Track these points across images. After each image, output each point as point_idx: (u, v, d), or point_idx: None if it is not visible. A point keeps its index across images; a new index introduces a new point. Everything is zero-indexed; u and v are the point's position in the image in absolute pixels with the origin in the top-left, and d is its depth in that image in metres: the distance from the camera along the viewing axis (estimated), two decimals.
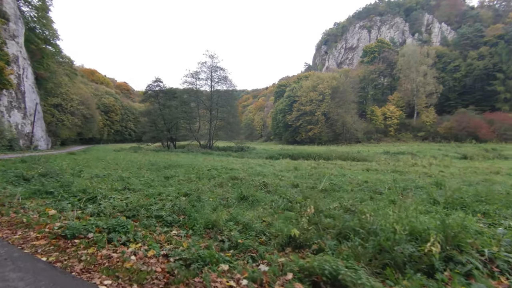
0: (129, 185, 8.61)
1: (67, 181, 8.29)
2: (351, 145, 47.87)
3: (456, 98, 55.44)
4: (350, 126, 51.16)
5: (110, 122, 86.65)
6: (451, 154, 24.35)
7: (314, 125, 53.10)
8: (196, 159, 20.21)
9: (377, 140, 52.30)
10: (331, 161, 16.57)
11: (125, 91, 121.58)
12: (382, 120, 53.08)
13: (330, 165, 13.96)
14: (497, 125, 41.76)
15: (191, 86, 39.31)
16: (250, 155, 26.87)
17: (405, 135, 52.08)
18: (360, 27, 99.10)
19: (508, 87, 47.97)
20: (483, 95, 52.21)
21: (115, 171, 11.92)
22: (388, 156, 20.42)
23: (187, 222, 4.71)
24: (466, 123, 43.80)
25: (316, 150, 26.55)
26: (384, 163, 15.17)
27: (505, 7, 76.31)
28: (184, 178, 10.08)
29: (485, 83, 51.68)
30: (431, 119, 49.99)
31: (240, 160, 19.57)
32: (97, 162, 17.46)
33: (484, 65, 51.47)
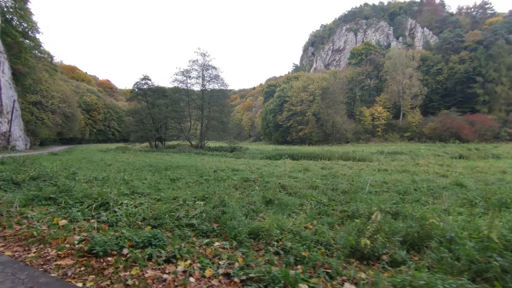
0: (135, 188, 7.92)
1: (65, 185, 7.45)
2: (342, 145, 48.50)
3: (439, 100, 57.72)
4: (340, 126, 51.86)
5: (92, 121, 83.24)
6: (441, 154, 25.09)
7: (305, 125, 53.35)
8: (192, 160, 19.43)
9: (366, 140, 53.38)
10: (333, 161, 16.43)
11: (108, 89, 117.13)
12: (370, 121, 54.25)
13: (336, 165, 13.77)
14: (477, 126, 43.80)
15: (181, 84, 38.15)
16: (245, 155, 26.35)
17: (392, 136, 53.53)
18: (346, 30, 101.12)
19: (486, 90, 50.50)
20: (464, 98, 54.69)
21: (113, 173, 11.05)
22: (384, 156, 20.66)
23: (226, 232, 4.19)
24: (449, 124, 45.60)
25: (312, 150, 26.47)
26: (386, 163, 15.22)
27: (482, 14, 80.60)
28: (192, 180, 9.45)
29: (465, 86, 54.15)
30: (417, 120, 51.70)
31: (239, 160, 19.03)
32: (88, 164, 16.37)
33: (464, 69, 53.93)
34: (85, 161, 18.50)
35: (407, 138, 51.15)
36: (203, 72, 37.00)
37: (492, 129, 43.73)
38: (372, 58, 67.19)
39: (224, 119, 37.52)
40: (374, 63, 65.85)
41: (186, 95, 38.31)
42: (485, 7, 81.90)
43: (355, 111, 58.33)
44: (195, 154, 27.38)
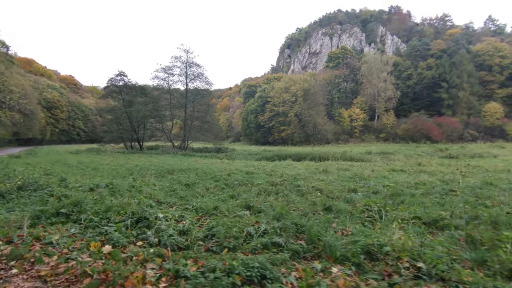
0: (151, 196, 6.76)
1: (67, 195, 6.10)
2: (323, 145, 49.52)
3: (409, 103, 61.74)
4: (321, 127, 52.97)
5: (54, 120, 76.11)
6: (421, 153, 26.48)
7: (287, 126, 53.65)
8: (186, 162, 18.01)
9: (345, 141, 55.20)
10: (336, 161, 16.28)
11: (71, 86, 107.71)
12: (349, 122, 56.23)
13: (349, 166, 13.56)
14: (445, 128, 47.50)
15: (163, 82, 35.93)
16: (237, 156, 25.38)
17: (369, 136, 56.02)
18: (322, 34, 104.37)
19: (451, 94, 55.08)
20: (431, 101, 59.15)
21: (108, 178, 9.59)
22: (379, 156, 21.11)
23: (323, 250, 3.43)
24: (420, 125, 48.87)
25: (308, 151, 26.32)
26: (383, 163, 15.44)
27: (442, 25, 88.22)
28: (211, 186, 8.45)
29: (432, 91, 58.60)
30: (391, 121, 54.69)
31: (235, 162, 18.09)
32: (66, 168, 14.39)
33: (431, 75, 58.35)
34: (60, 164, 16.27)
35: (382, 139, 53.85)
36: (187, 70, 35.25)
37: (457, 130, 47.76)
38: (348, 62, 69.86)
39: (209, 119, 36.06)
40: (350, 67, 68.54)
41: (168, 93, 36.14)
42: (445, 19, 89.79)
43: (334, 112, 60.09)
44: (182, 155, 25.79)
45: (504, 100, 53.46)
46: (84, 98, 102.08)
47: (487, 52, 56.18)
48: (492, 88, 55.40)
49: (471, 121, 50.54)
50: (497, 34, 69.15)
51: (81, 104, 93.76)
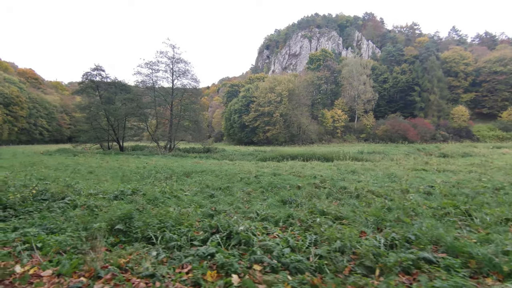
0: (198, 204, 5.88)
1: (97, 206, 5.05)
2: (308, 145, 50.17)
3: (385, 105, 65.11)
4: (305, 127, 53.64)
5: (12, 118, 68.93)
6: (409, 153, 27.71)
7: (272, 126, 53.56)
8: (184, 163, 16.76)
9: (328, 141, 56.50)
10: (344, 161, 16.19)
11: (32, 80, 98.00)
12: (331, 123, 57.67)
13: (363, 165, 13.46)
14: (419, 129, 50.64)
15: (146, 78, 33.67)
16: (232, 156, 24.45)
17: (350, 137, 57.96)
18: (301, 36, 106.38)
19: (423, 98, 59.02)
20: (405, 104, 62.90)
21: (125, 183, 8.38)
22: (370, 155, 21.58)
23: (487, 266, 2.96)
24: (398, 126, 51.59)
25: (299, 150, 26.13)
26: (393, 162, 15.71)
27: (411, 33, 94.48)
28: (251, 190, 7.66)
29: (406, 94, 62.37)
30: (371, 122, 57.10)
31: (237, 163, 17.25)
32: (51, 171, 12.56)
33: (406, 79, 62.07)
34: (41, 167, 14.22)
35: (363, 139, 56.00)
36: (173, 66, 33.39)
37: (429, 131, 51.17)
38: (329, 64, 71.80)
39: (197, 118, 34.50)
40: (331, 69, 70.51)
41: (152, 90, 33.97)
42: (414, 27, 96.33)
43: (317, 113, 61.32)
44: (173, 156, 24.22)
45: (468, 104, 58.53)
46: (47, 94, 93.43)
47: (454, 60, 61.13)
48: (458, 93, 60.40)
49: (441, 122, 54.50)
50: (461, 43, 75.62)
51: (44, 100, 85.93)
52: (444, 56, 63.37)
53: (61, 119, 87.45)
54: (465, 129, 52.19)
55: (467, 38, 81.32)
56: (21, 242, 3.27)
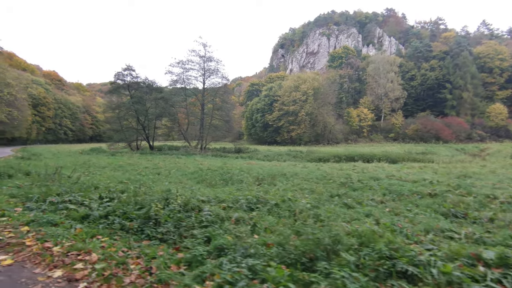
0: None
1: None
2: (334, 145, 48.74)
3: (412, 103, 62.46)
4: (331, 127, 52.18)
5: (40, 118, 70.81)
6: (456, 153, 26.02)
7: (297, 125, 52.39)
8: (235, 164, 15.99)
9: (354, 141, 54.79)
10: (408, 162, 15.00)
11: (56, 82, 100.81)
12: (357, 122, 55.90)
13: (440, 167, 12.29)
14: (454, 128, 48.15)
15: (177, 77, 33.32)
16: (269, 157, 23.58)
17: (377, 136, 55.98)
18: (319, 34, 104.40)
19: (454, 95, 56.21)
20: (434, 102, 60.10)
21: (219, 189, 7.62)
22: (424, 156, 20.18)
23: None
24: (430, 126, 49.30)
25: (341, 151, 25.00)
26: (472, 163, 14.36)
27: (436, 28, 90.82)
28: (382, 200, 6.69)
29: (435, 92, 59.58)
30: (400, 122, 54.91)
31: (299, 165, 16.32)
32: (115, 172, 12.08)
33: (435, 76, 59.32)
34: (95, 168, 13.76)
35: (392, 139, 53.94)
36: (204, 65, 32.91)
37: (465, 130, 48.60)
38: (351, 62, 69.84)
39: (228, 117, 33.88)
40: (354, 67, 68.52)
41: (183, 90, 33.60)
42: (438, 22, 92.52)
43: (341, 112, 59.65)
44: (213, 156, 23.61)
45: (504, 101, 55.24)
46: (70, 95, 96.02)
47: (488, 55, 57.87)
48: (493, 90, 57.13)
49: (476, 121, 51.70)
50: (494, 37, 71.80)
51: (68, 101, 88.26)
52: (477, 51, 60.12)
53: (84, 119, 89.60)
54: (504, 128, 49.21)
55: (499, 32, 77.11)
56: None
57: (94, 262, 2.73)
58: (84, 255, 2.88)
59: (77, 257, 2.85)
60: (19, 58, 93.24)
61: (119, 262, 2.77)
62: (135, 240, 3.65)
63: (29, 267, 2.68)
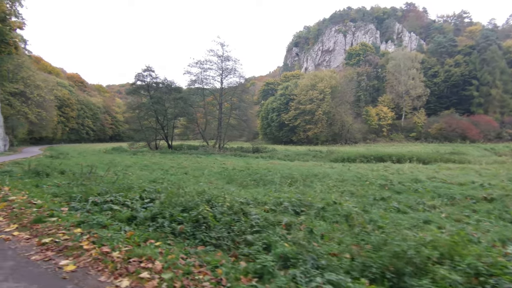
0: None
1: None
2: (353, 145, 47.46)
3: (435, 101, 59.71)
4: (349, 126, 50.88)
5: (64, 119, 73.80)
6: (486, 154, 24.47)
7: (314, 124, 51.50)
8: (257, 164, 15.75)
9: (373, 141, 53.15)
10: (441, 163, 14.16)
11: (78, 84, 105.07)
12: (377, 121, 54.18)
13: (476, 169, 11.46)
14: (482, 127, 45.51)
15: (195, 77, 33.58)
16: (290, 157, 23.17)
17: (397, 136, 54.00)
18: (335, 31, 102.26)
19: (481, 92, 53.16)
20: (459, 99, 57.13)
21: (252, 190, 7.38)
22: (456, 156, 18.99)
23: None
24: (455, 124, 46.89)
25: (359, 150, 24.19)
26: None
27: (460, 22, 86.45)
28: (436, 203, 6.20)
29: (461, 88, 56.62)
30: (422, 120, 52.67)
31: (321, 165, 15.86)
32: (138, 170, 12.14)
33: (460, 72, 56.37)
34: (122, 167, 13.96)
35: (413, 138, 51.84)
36: (222, 64, 32.96)
37: (494, 129, 45.82)
38: (369, 59, 67.86)
39: (246, 116, 33.77)
40: (372, 64, 66.51)
41: (201, 90, 33.82)
42: (463, 16, 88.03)
43: (359, 111, 58.07)
44: (233, 156, 23.52)
45: None
46: (91, 97, 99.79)
47: None
48: None
49: (506, 120, 48.67)
50: None
51: (90, 102, 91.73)
52: (506, 45, 56.62)
53: (104, 119, 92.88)
54: None
55: None
56: None
57: (159, 271, 2.56)
58: (146, 263, 2.72)
59: (140, 264, 2.69)
60: (45, 62, 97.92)
61: (185, 271, 2.58)
62: (188, 245, 3.48)
63: (93, 274, 2.54)
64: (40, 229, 3.71)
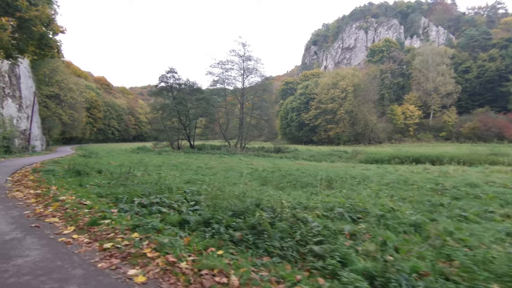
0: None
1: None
2: (378, 145, 45.64)
3: (467, 98, 55.97)
4: (373, 125, 49.00)
5: (92, 120, 77.39)
6: None
7: (335, 124, 50.16)
8: (284, 165, 15.36)
9: (399, 141, 50.82)
10: (476, 166, 12.93)
11: (105, 86, 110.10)
12: (402, 120, 51.76)
13: None
14: None
15: (217, 77, 33.78)
16: (319, 157, 22.53)
17: (425, 135, 51.23)
18: (356, 28, 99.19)
19: None
20: (494, 96, 53.11)
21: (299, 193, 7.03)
22: None
23: None
24: (490, 123, 43.66)
25: (387, 151, 23.04)
26: None
27: (494, 13, 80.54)
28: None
29: (496, 84, 52.61)
30: (453, 119, 49.58)
31: (357, 166, 15.19)
32: (170, 170, 12.15)
33: (496, 67, 52.39)
34: (155, 167, 14.11)
35: (443, 138, 48.95)
36: (244, 64, 32.88)
37: None
38: (394, 55, 65.03)
39: (268, 116, 33.47)
40: (397, 60, 63.68)
41: (223, 90, 33.97)
42: (497, 6, 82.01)
43: (383, 109, 55.80)
44: (256, 156, 23.28)
45: None
46: (116, 98, 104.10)
47: None
48: None
49: None
50: None
51: (115, 104, 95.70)
52: None
53: (128, 120, 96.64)
54: None
55: None
56: None
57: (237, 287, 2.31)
58: (220, 276, 2.48)
59: (213, 278, 2.46)
60: (75, 66, 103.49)
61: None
62: (252, 255, 3.22)
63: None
64: (98, 232, 3.62)
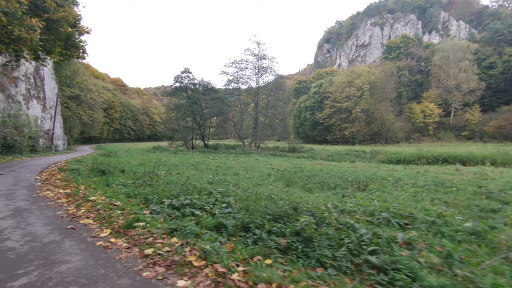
0: None
1: None
2: (395, 145, 44.15)
3: (491, 96, 53.24)
4: (390, 124, 47.50)
5: (109, 120, 79.48)
6: None
7: (350, 123, 49.00)
8: (306, 165, 14.96)
9: (417, 140, 49.02)
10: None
11: (121, 87, 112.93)
12: (422, 119, 49.89)
13: None
14: None
15: (231, 77, 33.71)
16: (336, 157, 21.95)
17: (446, 135, 49.15)
18: (371, 24, 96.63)
19: None
20: None
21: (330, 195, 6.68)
22: None
23: None
24: None
25: (407, 150, 22.09)
26: None
27: None
28: None
29: None
30: (476, 117, 47.29)
31: (384, 167, 14.59)
32: (194, 170, 12.04)
33: None
34: (177, 168, 14.07)
35: (465, 138, 46.76)
36: (258, 63, 32.61)
37: None
38: (412, 52, 62.85)
39: (283, 115, 33.09)
40: (415, 57, 61.48)
41: (237, 90, 33.87)
42: None
43: (402, 108, 54.04)
44: (271, 155, 22.96)
45: None
46: (132, 99, 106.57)
47: None
48: None
49: None
50: None
51: (130, 104, 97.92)
52: None
53: (143, 120, 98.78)
54: None
55: None
56: None
57: None
58: None
59: None
60: (93, 68, 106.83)
61: None
62: (303, 266, 2.94)
63: None
64: (135, 236, 3.46)
